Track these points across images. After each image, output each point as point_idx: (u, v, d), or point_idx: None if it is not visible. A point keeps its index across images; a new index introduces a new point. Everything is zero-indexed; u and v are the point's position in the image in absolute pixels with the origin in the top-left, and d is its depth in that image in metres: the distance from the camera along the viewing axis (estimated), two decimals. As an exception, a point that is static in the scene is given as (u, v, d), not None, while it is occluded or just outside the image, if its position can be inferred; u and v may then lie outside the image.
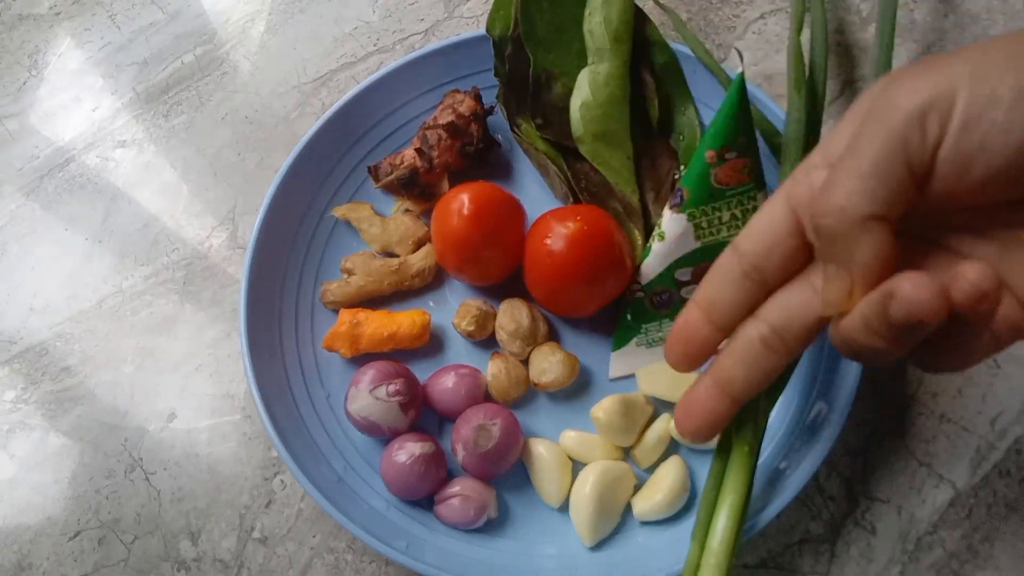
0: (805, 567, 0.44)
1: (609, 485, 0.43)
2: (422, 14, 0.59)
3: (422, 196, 0.51)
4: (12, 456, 0.49)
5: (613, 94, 0.48)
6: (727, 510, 0.37)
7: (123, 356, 0.51)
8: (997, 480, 0.45)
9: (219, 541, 0.46)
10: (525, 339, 0.47)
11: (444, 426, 0.47)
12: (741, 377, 0.32)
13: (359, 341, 0.47)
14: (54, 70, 0.60)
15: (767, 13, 0.58)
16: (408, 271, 0.49)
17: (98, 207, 0.55)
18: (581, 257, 0.44)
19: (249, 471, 0.48)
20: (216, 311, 0.52)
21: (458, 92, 0.51)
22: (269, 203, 0.49)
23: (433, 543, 0.43)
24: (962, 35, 0.56)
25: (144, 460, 0.48)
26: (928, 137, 0.26)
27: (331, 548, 0.46)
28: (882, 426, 0.47)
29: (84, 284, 0.53)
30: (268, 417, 0.44)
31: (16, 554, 0.47)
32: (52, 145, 0.57)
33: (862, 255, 0.26)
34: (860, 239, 0.26)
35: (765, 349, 0.31)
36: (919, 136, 0.26)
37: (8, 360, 0.51)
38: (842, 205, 0.26)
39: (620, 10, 0.48)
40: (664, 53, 0.51)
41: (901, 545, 0.44)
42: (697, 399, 0.33)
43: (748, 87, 0.49)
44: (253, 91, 0.58)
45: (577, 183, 0.49)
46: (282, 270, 0.49)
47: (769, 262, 0.31)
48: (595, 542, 0.43)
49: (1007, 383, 0.47)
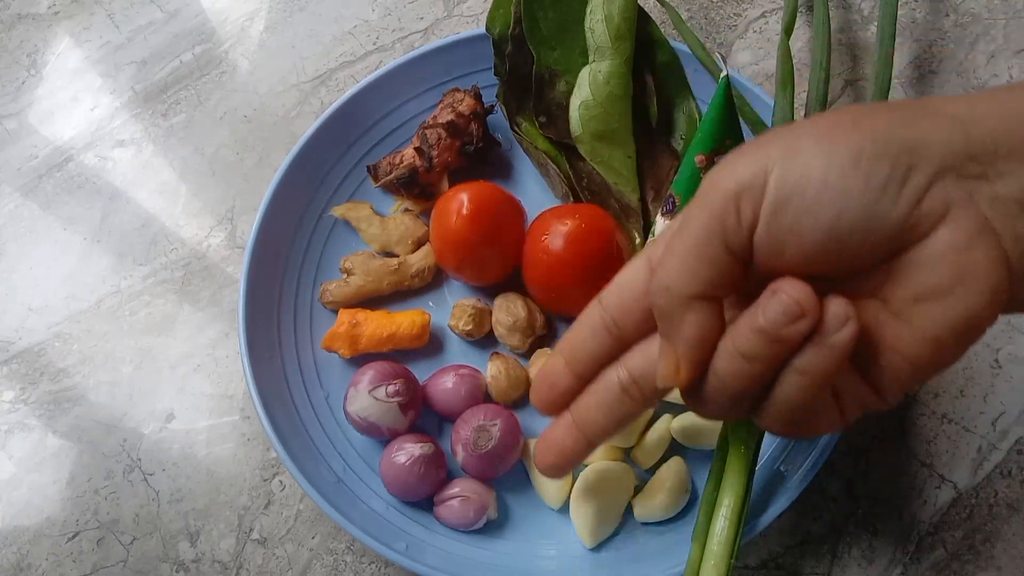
0: (806, 568, 0.44)
1: (609, 486, 0.43)
2: (422, 13, 0.59)
3: (421, 195, 0.51)
4: (11, 457, 0.49)
5: (613, 93, 0.48)
6: (726, 511, 0.37)
7: (121, 356, 0.51)
8: (998, 480, 0.45)
9: (218, 542, 0.46)
10: (524, 331, 0.47)
11: (444, 427, 0.47)
12: (599, 420, 0.33)
13: (358, 341, 0.47)
14: (53, 69, 0.60)
15: (768, 12, 0.58)
16: (407, 271, 0.49)
17: (96, 207, 0.55)
18: (580, 255, 0.44)
19: (248, 472, 0.48)
20: (215, 311, 0.52)
21: (458, 91, 0.51)
22: (268, 203, 0.48)
23: (433, 544, 0.43)
24: (962, 34, 0.56)
25: (143, 461, 0.48)
26: (743, 219, 0.26)
27: (330, 549, 0.46)
28: (883, 426, 0.47)
29: (82, 284, 0.53)
30: (267, 418, 0.44)
31: (15, 555, 0.47)
32: (50, 144, 0.57)
33: (685, 333, 0.27)
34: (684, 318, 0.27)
35: (624, 395, 0.32)
36: (734, 218, 0.26)
37: (7, 360, 0.51)
38: (667, 285, 0.27)
39: (622, 7, 0.48)
40: (665, 52, 0.50)
41: (902, 546, 0.44)
42: (556, 437, 0.34)
43: (749, 86, 0.49)
44: (252, 90, 0.58)
45: (579, 182, 0.49)
46: (281, 270, 0.49)
47: (628, 318, 0.32)
48: (595, 543, 0.43)
49: (1008, 383, 0.47)
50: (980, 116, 0.26)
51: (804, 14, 0.57)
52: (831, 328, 0.25)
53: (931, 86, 0.55)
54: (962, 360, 0.47)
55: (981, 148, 0.25)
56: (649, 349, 0.31)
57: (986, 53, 0.56)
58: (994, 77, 0.55)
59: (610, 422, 0.33)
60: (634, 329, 0.32)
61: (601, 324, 0.32)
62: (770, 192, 0.26)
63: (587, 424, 0.33)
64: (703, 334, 0.27)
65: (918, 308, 0.26)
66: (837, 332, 0.25)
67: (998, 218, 0.25)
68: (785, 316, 0.25)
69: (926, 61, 0.56)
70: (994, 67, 0.55)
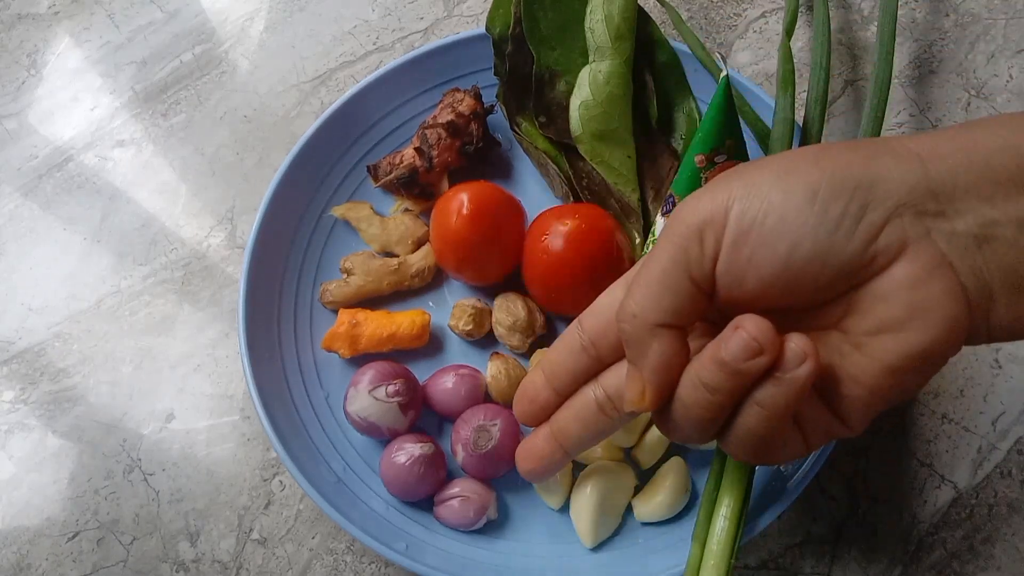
0: (806, 568, 0.44)
1: (610, 486, 0.43)
2: (421, 13, 0.59)
3: (421, 195, 0.51)
4: (11, 457, 0.49)
5: (613, 93, 0.48)
6: (726, 511, 0.37)
7: (121, 356, 0.51)
8: (998, 481, 0.45)
9: (218, 542, 0.46)
10: (524, 331, 0.47)
11: (444, 427, 0.47)
12: (575, 433, 0.35)
13: (358, 341, 0.47)
14: (53, 69, 0.60)
15: (768, 12, 0.58)
16: (407, 271, 0.49)
17: (96, 207, 0.55)
18: (580, 255, 0.44)
19: (248, 472, 0.48)
20: (215, 311, 0.52)
21: (458, 91, 0.51)
22: (268, 202, 0.48)
23: (433, 544, 0.43)
24: (962, 34, 0.56)
25: (143, 461, 0.48)
26: (705, 250, 0.28)
27: (330, 549, 0.46)
28: (883, 426, 0.47)
29: (82, 284, 0.53)
30: (267, 418, 0.44)
31: (15, 555, 0.47)
32: (50, 144, 0.57)
33: (650, 360, 0.29)
34: (649, 345, 0.28)
35: (599, 411, 0.34)
36: (698, 250, 0.28)
37: (6, 360, 0.51)
38: (633, 312, 0.29)
39: (622, 7, 0.48)
40: (665, 52, 0.50)
41: (902, 546, 0.44)
42: (535, 445, 0.37)
43: (749, 86, 0.49)
44: (252, 90, 0.58)
45: (579, 181, 0.49)
46: (281, 270, 0.49)
47: (605, 340, 0.33)
48: (596, 543, 0.43)
49: (1008, 383, 0.47)
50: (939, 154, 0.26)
51: (804, 14, 0.57)
52: (790, 365, 0.26)
53: (931, 86, 0.55)
54: (962, 360, 0.48)
55: (939, 185, 0.26)
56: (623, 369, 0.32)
57: (986, 53, 0.56)
58: (994, 77, 0.55)
59: (586, 435, 0.35)
60: (610, 351, 0.33)
61: (579, 345, 0.34)
62: (730, 225, 0.27)
63: (564, 436, 0.35)
64: (667, 361, 0.28)
65: (877, 340, 0.27)
66: (796, 368, 0.26)
67: (955, 253, 0.26)
68: (745, 352, 0.26)
69: (926, 61, 0.56)
70: (994, 67, 0.55)
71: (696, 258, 0.28)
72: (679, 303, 0.28)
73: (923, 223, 0.26)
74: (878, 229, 0.26)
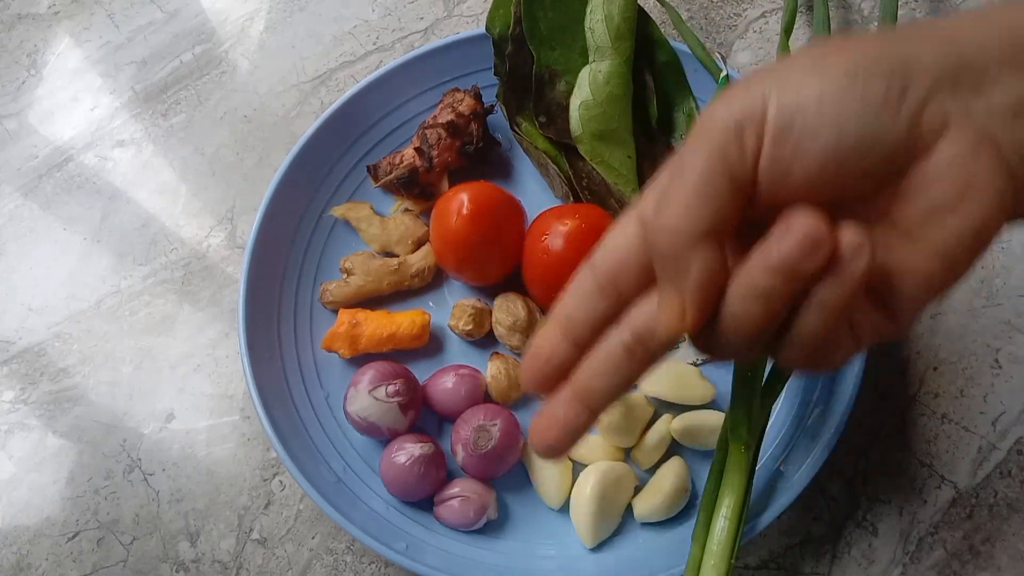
0: (806, 568, 0.44)
1: (610, 486, 0.43)
2: (421, 13, 0.59)
3: (421, 195, 0.51)
4: (11, 457, 0.49)
5: (613, 93, 0.48)
6: (726, 511, 0.37)
7: (121, 356, 0.51)
8: (998, 481, 0.45)
9: (218, 542, 0.46)
10: (524, 331, 0.47)
11: (444, 427, 0.47)
12: (601, 387, 0.31)
13: (358, 341, 0.47)
14: (53, 69, 0.60)
15: (768, 12, 0.58)
16: (407, 271, 0.49)
17: (96, 207, 0.55)
18: (579, 255, 0.44)
19: (248, 472, 0.48)
20: (215, 311, 0.52)
21: (458, 91, 0.51)
22: (268, 203, 0.48)
23: (433, 544, 0.43)
24: (963, 34, 0.56)
25: (143, 461, 0.48)
26: (746, 149, 0.26)
27: (330, 549, 0.46)
28: (883, 426, 0.47)
29: (82, 284, 0.53)
30: (267, 418, 0.44)
31: (15, 555, 0.47)
32: (50, 144, 0.57)
33: (693, 275, 0.27)
34: (690, 259, 0.26)
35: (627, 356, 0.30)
36: (738, 150, 0.26)
37: (7, 360, 0.51)
38: (671, 226, 0.27)
39: (622, 7, 0.48)
40: (665, 52, 0.50)
41: (902, 546, 0.44)
42: (554, 413, 0.32)
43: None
44: (252, 90, 0.58)
45: (579, 181, 0.49)
46: (281, 270, 0.49)
47: (623, 275, 0.31)
48: (596, 543, 0.43)
49: (1008, 383, 0.47)
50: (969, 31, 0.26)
51: (804, 14, 0.57)
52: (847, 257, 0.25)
53: (931, 86, 0.55)
54: (962, 360, 0.48)
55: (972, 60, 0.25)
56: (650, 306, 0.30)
57: (986, 53, 0.56)
58: (994, 77, 0.55)
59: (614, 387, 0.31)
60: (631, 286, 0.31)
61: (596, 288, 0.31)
62: (771, 118, 0.26)
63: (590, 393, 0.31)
64: (712, 275, 0.26)
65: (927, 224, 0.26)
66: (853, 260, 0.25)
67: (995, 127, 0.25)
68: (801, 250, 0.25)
69: (926, 61, 0.56)
70: (994, 67, 0.55)
71: (737, 158, 0.26)
72: (721, 210, 0.26)
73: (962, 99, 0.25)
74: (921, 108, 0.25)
